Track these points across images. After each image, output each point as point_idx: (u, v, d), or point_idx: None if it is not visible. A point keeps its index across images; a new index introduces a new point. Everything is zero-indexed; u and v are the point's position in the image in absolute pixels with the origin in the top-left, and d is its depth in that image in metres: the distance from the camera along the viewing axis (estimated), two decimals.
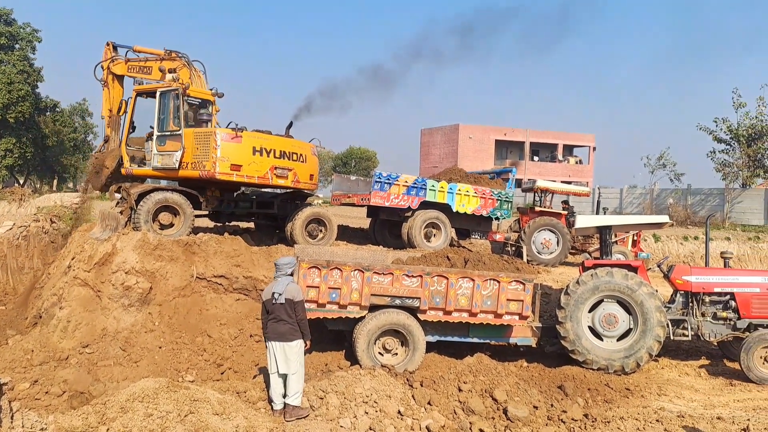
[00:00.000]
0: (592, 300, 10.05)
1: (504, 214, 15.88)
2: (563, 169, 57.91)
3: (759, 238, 23.23)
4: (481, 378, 8.86)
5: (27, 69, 39.47)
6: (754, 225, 30.22)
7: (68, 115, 50.51)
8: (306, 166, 13.39)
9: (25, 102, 38.33)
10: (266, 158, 12.55)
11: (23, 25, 40.78)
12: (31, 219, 16.54)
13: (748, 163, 33.14)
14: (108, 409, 6.31)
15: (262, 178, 12.55)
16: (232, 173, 12.13)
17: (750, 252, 21.38)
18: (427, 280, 9.36)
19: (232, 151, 12.07)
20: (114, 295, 10.74)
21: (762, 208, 31.05)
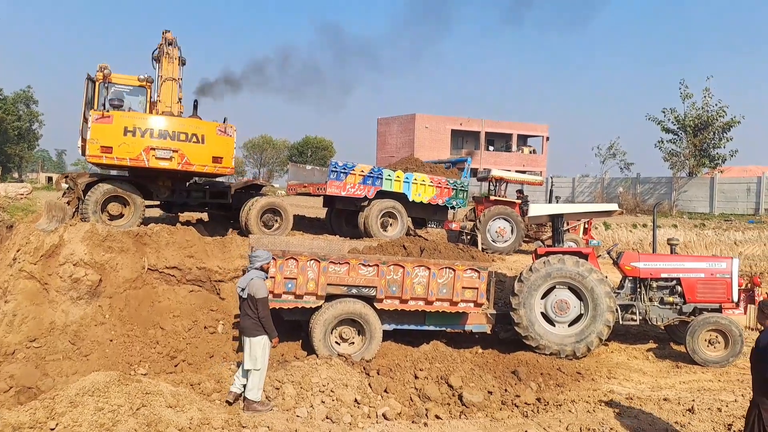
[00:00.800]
0: (544, 287, 10.24)
1: (459, 204, 16.04)
2: (518, 158, 58.88)
3: (704, 225, 24.13)
4: (437, 365, 8.96)
5: None
6: (700, 212, 31.39)
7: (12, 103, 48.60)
8: (204, 147, 12.62)
9: None
10: (140, 139, 12.04)
11: None
12: None
13: (695, 152, 34.31)
14: (57, 403, 6.13)
15: (135, 160, 12.10)
16: (102, 155, 11.81)
17: (696, 239, 22.17)
18: (383, 269, 9.39)
19: (101, 132, 11.73)
20: (62, 287, 10.40)
21: (707, 197, 32.21)
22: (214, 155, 12.66)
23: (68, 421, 5.91)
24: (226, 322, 11.02)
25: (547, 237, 16.64)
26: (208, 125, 12.76)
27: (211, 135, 12.64)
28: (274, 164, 70.55)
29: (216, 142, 12.70)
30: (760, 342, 5.46)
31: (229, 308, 11.21)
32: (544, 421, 7.30)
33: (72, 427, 5.84)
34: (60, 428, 5.84)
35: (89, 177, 12.36)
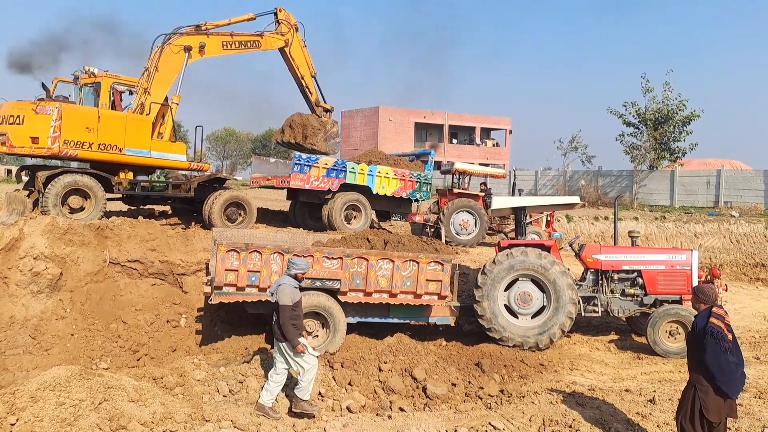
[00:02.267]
0: (507, 279, 10.35)
1: (423, 196, 16.16)
2: (481, 151, 59.39)
3: (665, 217, 24.67)
4: (401, 357, 9.06)
5: None
6: (661, 205, 32.11)
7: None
8: (23, 128, 11.88)
9: None
10: None
11: None
12: None
13: (655, 145, 35.00)
14: (17, 398, 6.05)
15: None
16: None
17: (657, 231, 22.66)
18: (347, 262, 9.44)
19: None
20: (22, 281, 10.22)
21: (668, 189, 32.93)
22: (31, 135, 11.84)
23: (29, 416, 5.85)
24: (189, 315, 10.97)
25: (510, 229, 16.88)
26: (25, 105, 12.10)
27: (29, 115, 11.90)
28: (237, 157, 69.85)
29: (34, 121, 11.86)
30: (697, 325, 5.72)
31: (192, 302, 11.17)
32: (507, 412, 7.41)
33: (33, 422, 5.78)
34: (20, 423, 5.77)
35: (50, 170, 12.09)
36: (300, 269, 7.41)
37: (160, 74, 13.13)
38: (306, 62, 15.59)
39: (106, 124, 12.28)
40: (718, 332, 5.47)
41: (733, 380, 5.50)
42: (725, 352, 5.45)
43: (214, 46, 13.96)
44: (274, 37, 14.83)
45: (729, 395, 5.51)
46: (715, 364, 5.46)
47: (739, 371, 5.53)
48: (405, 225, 18.42)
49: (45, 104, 11.92)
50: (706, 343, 5.50)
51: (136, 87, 13.16)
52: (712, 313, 5.59)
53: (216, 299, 9.19)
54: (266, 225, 15.22)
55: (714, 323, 5.50)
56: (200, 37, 13.65)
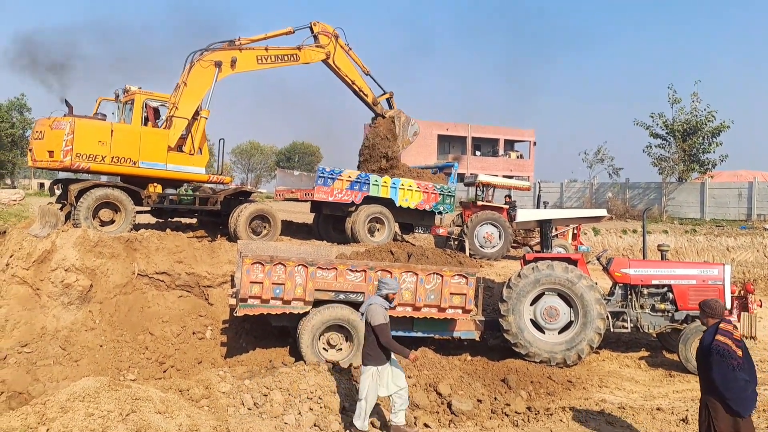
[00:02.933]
0: (533, 293, 10.20)
1: (447, 209, 16.12)
2: (505, 163, 59.13)
3: (695, 231, 24.22)
4: (425, 372, 8.97)
5: None
6: (691, 218, 31.53)
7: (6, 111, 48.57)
8: (43, 142, 12.57)
9: None
10: None
11: None
12: None
13: (684, 157, 34.46)
14: (48, 408, 6.16)
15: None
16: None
17: (687, 245, 22.19)
18: (371, 275, 9.43)
19: None
20: (53, 293, 10.44)
21: (698, 202, 32.33)
22: (49, 149, 12.40)
23: (59, 426, 5.94)
24: (215, 327, 11.07)
25: (536, 243, 16.72)
26: (46, 121, 12.65)
27: (47, 130, 12.51)
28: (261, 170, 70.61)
29: (50, 136, 12.45)
30: (704, 341, 5.65)
31: (217, 314, 11.26)
32: (534, 430, 7.30)
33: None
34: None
35: (82, 183, 12.38)
36: (391, 289, 7.16)
37: (188, 89, 13.37)
38: (353, 66, 15.59)
39: (120, 137, 12.55)
40: (724, 349, 5.39)
41: (742, 398, 5.41)
42: (733, 369, 5.36)
43: (248, 61, 14.12)
44: (313, 50, 14.91)
45: (740, 414, 5.41)
46: (722, 382, 5.39)
47: (750, 388, 5.43)
48: (428, 238, 18.37)
49: (60, 119, 12.31)
50: (712, 361, 5.43)
51: (168, 102, 13.43)
52: (719, 329, 5.51)
53: (241, 311, 9.25)
54: (290, 237, 15.33)
55: (720, 340, 5.42)
56: (232, 52, 13.85)
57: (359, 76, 15.70)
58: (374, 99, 16.01)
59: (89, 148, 12.21)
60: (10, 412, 6.49)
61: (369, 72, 15.86)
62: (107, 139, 12.39)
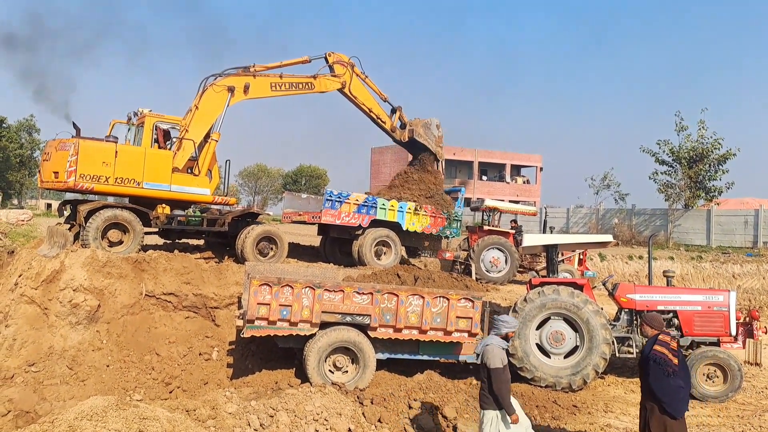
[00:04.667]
0: (539, 317, 10.20)
1: (453, 233, 16.19)
2: (511, 188, 59.24)
3: (701, 257, 24.15)
4: (431, 395, 8.98)
5: None
6: (697, 245, 31.43)
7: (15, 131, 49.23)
8: (49, 164, 12.85)
9: None
10: None
11: None
12: None
13: (690, 184, 34.48)
14: (56, 427, 6.18)
15: None
16: None
17: (693, 271, 22.12)
18: (377, 298, 9.48)
19: None
20: (61, 312, 10.51)
21: (704, 229, 32.27)
22: (54, 170, 12.67)
23: None
24: (221, 348, 11.09)
25: (542, 267, 16.68)
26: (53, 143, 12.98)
27: (53, 151, 12.81)
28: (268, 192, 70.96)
29: (56, 157, 12.73)
30: (644, 351, 6.19)
31: (223, 335, 11.29)
32: None
33: None
34: None
35: (91, 204, 12.52)
36: (511, 328, 6.60)
37: (199, 113, 13.59)
38: (370, 93, 15.77)
39: (124, 158, 12.72)
40: (660, 358, 5.91)
41: (676, 401, 5.91)
42: (668, 375, 5.88)
43: (261, 87, 14.34)
44: (329, 79, 15.12)
45: (673, 416, 5.92)
46: (658, 387, 5.91)
47: (683, 393, 5.97)
48: (435, 262, 18.40)
49: (65, 141, 12.53)
50: (649, 368, 5.97)
51: (178, 125, 13.62)
52: (658, 340, 6.03)
53: (248, 333, 9.29)
54: (297, 260, 15.40)
55: (657, 350, 5.97)
56: (246, 78, 14.07)
57: (376, 103, 15.88)
58: (392, 126, 16.19)
59: (93, 168, 12.39)
60: (17, 430, 6.53)
61: (387, 98, 16.04)
62: (111, 160, 12.56)
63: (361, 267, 13.98)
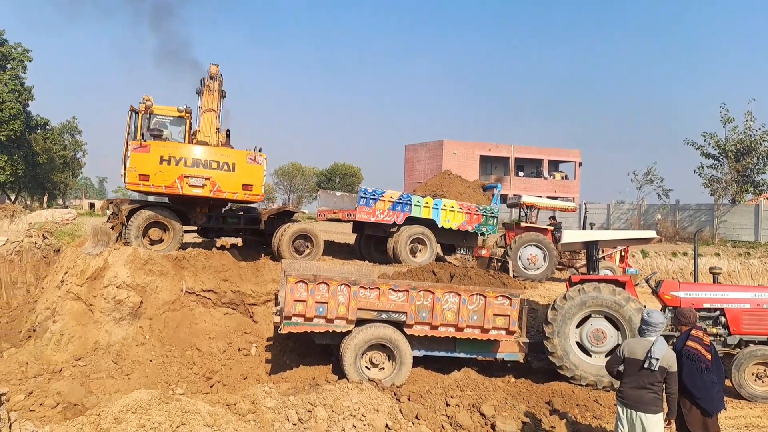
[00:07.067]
0: (579, 315, 10.04)
1: (489, 230, 16.02)
2: (549, 184, 58.31)
3: (749, 254, 23.38)
4: (468, 393, 8.92)
5: (18, 88, 39.77)
6: (744, 241, 30.40)
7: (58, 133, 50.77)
8: (235, 175, 12.99)
9: (17, 120, 38.51)
10: (174, 167, 12.42)
11: (14, 45, 41.08)
12: (24, 235, 16.56)
13: (737, 178, 33.40)
14: (102, 419, 6.37)
15: (170, 188, 12.48)
16: (140, 183, 12.21)
17: (740, 268, 21.41)
18: (413, 295, 9.46)
19: (139, 161, 12.16)
20: (106, 308, 10.79)
21: (752, 224, 31.19)
22: (245, 182, 13.00)
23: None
24: (259, 344, 11.23)
25: (582, 264, 16.43)
26: (238, 154, 13.11)
27: (241, 163, 13.00)
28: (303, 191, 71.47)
29: (246, 170, 13.05)
30: (676, 346, 6.18)
31: (261, 331, 11.43)
32: None
33: None
34: None
35: (132, 203, 12.81)
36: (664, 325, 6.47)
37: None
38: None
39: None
40: (693, 354, 5.98)
41: (709, 397, 5.95)
42: (701, 372, 5.92)
43: None
44: None
45: (708, 412, 5.93)
46: (691, 383, 5.95)
47: (717, 389, 5.97)
48: (471, 259, 18.26)
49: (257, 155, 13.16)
50: (683, 364, 5.97)
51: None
52: (690, 335, 6.07)
53: (285, 329, 9.39)
54: (332, 257, 15.48)
55: (690, 345, 6.01)
56: None
57: None
58: None
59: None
60: (66, 422, 6.73)
61: None
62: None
63: (397, 264, 13.95)
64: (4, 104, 37.42)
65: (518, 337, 10.24)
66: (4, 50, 40.15)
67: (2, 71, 39.82)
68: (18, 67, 40.84)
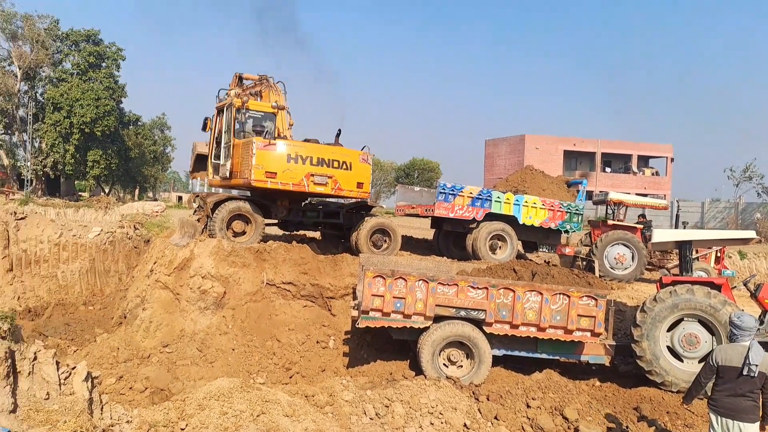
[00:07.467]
0: (670, 318, 9.55)
1: (574, 227, 15.48)
2: (638, 180, 55.78)
3: None
4: (550, 395, 8.64)
5: (112, 86, 42.22)
6: None
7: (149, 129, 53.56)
8: (351, 173, 13.19)
9: (111, 116, 40.91)
10: (301, 166, 12.56)
11: (109, 45, 43.64)
12: (117, 225, 17.47)
13: None
14: (187, 405, 6.59)
15: (297, 185, 12.59)
16: (267, 180, 12.31)
17: None
18: (493, 293, 9.25)
19: (266, 158, 12.26)
20: (191, 298, 11.19)
21: None
22: (358, 181, 13.29)
23: (196, 422, 6.33)
24: (337, 337, 11.31)
25: (673, 265, 15.58)
26: (353, 153, 13.38)
27: (356, 162, 13.27)
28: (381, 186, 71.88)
29: (359, 168, 13.35)
30: None
31: (339, 324, 11.51)
32: None
33: (199, 428, 6.25)
34: (189, 428, 6.28)
35: (217, 196, 13.20)
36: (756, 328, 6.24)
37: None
38: None
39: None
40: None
41: None
42: None
43: None
44: None
45: None
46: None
47: None
48: (554, 257, 17.71)
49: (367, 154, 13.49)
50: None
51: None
52: None
53: (363, 323, 9.39)
54: (410, 253, 15.40)
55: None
56: None
57: None
58: None
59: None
60: (153, 406, 7.00)
61: None
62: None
63: (476, 261, 13.71)
64: (99, 101, 39.79)
65: (604, 340, 9.84)
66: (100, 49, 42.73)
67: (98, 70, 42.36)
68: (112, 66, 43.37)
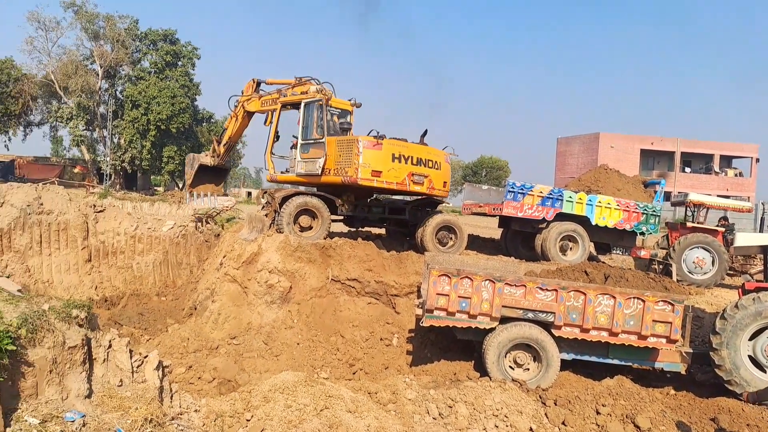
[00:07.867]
0: (753, 327, 9.07)
1: (650, 229, 14.84)
2: (720, 181, 53.06)
3: None
4: (621, 402, 8.29)
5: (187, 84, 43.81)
6: None
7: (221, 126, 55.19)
8: (440, 173, 13.28)
9: (186, 114, 42.48)
10: (404, 165, 12.63)
11: (185, 44, 45.29)
12: (189, 219, 18.08)
13: None
14: (252, 397, 6.72)
15: (400, 184, 12.65)
16: (373, 179, 12.35)
17: None
18: (562, 295, 8.96)
19: (372, 157, 12.30)
20: (258, 292, 11.42)
21: None
22: (444, 180, 13.41)
23: (261, 414, 6.43)
24: (401, 335, 11.27)
25: (757, 271, 14.75)
26: (441, 153, 13.48)
27: (443, 162, 13.40)
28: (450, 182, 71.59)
29: (445, 168, 13.48)
30: None
31: (403, 322, 11.46)
32: None
33: (264, 420, 6.34)
34: (254, 420, 6.39)
35: (285, 191, 13.42)
36: None
37: None
38: None
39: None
40: None
41: None
42: None
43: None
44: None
45: None
46: None
47: None
48: (628, 260, 17.05)
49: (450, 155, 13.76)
50: None
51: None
52: None
53: (427, 322, 9.30)
54: (476, 252, 15.19)
55: None
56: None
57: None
58: None
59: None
60: (221, 397, 7.18)
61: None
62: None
63: (545, 262, 13.36)
64: (175, 99, 41.44)
65: (680, 347, 9.38)
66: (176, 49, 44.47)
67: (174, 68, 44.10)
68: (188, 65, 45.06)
